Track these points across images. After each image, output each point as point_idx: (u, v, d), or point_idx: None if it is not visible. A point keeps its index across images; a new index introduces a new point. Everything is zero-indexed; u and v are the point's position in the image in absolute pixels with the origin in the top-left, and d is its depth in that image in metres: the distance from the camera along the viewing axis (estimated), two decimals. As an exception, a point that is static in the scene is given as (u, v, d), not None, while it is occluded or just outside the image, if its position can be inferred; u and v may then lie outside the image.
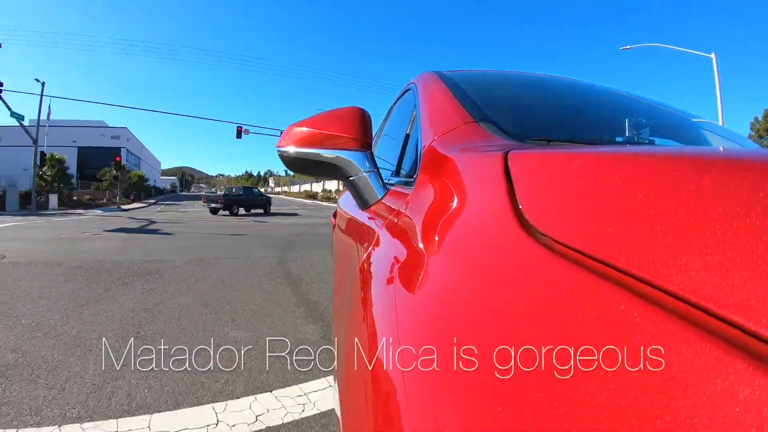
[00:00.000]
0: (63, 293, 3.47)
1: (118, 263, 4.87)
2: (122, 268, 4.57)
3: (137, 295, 3.43)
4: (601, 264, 0.24)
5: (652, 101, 1.23)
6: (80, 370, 2.00)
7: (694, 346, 0.17)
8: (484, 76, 1.17)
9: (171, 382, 1.89)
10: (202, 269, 4.59)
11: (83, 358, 2.14)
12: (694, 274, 0.19)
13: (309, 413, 1.71)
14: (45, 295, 3.39)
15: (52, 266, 4.63)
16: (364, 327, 0.47)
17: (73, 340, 2.40)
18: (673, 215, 0.22)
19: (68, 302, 3.20)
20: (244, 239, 7.81)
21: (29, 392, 1.79)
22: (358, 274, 0.68)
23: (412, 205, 0.63)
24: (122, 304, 3.15)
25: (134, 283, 3.86)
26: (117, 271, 4.40)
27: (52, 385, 1.85)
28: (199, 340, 2.42)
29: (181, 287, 3.72)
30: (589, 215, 0.27)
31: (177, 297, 3.38)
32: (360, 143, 0.75)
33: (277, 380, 1.95)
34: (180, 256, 5.46)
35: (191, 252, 5.92)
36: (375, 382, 0.36)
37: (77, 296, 3.38)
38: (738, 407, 0.15)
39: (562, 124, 0.93)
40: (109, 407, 1.68)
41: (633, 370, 0.19)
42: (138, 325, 2.66)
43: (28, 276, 4.10)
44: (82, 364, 2.08)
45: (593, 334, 0.22)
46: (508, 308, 0.28)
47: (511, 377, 0.23)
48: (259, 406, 1.74)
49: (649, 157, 0.27)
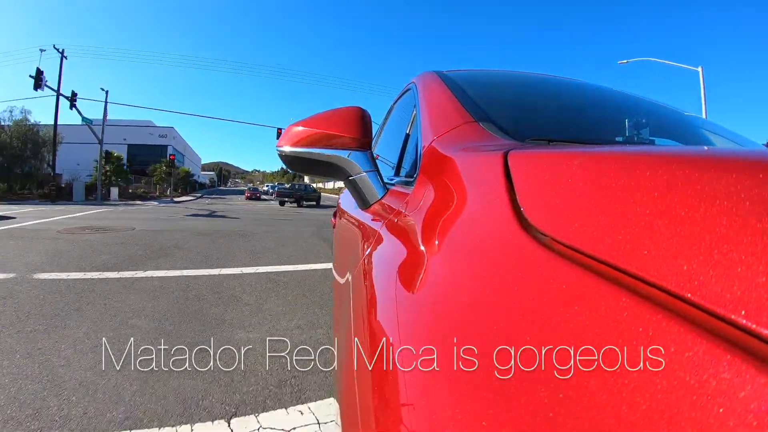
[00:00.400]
0: (204, 242, 6.24)
1: (220, 231, 7.79)
2: (225, 233, 7.50)
3: (244, 243, 6.26)
4: (601, 264, 0.24)
5: (653, 101, 1.23)
6: (245, 258, 5.05)
7: (694, 346, 0.17)
8: (484, 75, 1.17)
9: (283, 258, 5.13)
10: (272, 234, 7.68)
11: (244, 258, 5.04)
12: (694, 274, 0.19)
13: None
14: (194, 243, 6.09)
15: (178, 232, 7.42)
16: (365, 327, 0.47)
17: (227, 255, 5.17)
18: (673, 215, 0.22)
19: (212, 245, 5.92)
20: (294, 221, 10.89)
21: (257, 259, 5.00)
22: (358, 274, 0.68)
23: (412, 205, 0.63)
24: (240, 246, 5.99)
25: (238, 239, 6.73)
26: (224, 234, 7.29)
27: (239, 258, 5.05)
28: (285, 252, 5.63)
29: (264, 239, 6.80)
30: (589, 215, 0.27)
31: (264, 242, 6.46)
32: (360, 143, 0.75)
33: (316, 259, 5.10)
34: (255, 228, 8.56)
35: (261, 226, 9.09)
36: (375, 381, 0.36)
37: (216, 243, 6.15)
38: (738, 407, 0.15)
39: (562, 123, 0.93)
40: (258, 263, 4.74)
41: (633, 370, 0.19)
42: (254, 252, 5.54)
43: (171, 237, 6.65)
44: (246, 258, 5.04)
45: (593, 333, 0.22)
46: (508, 308, 0.28)
47: (511, 377, 0.23)
48: (306, 267, 4.60)
49: (649, 157, 0.27)
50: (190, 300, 3.07)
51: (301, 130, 0.76)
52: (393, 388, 0.32)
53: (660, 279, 0.21)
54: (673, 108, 1.20)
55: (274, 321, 2.71)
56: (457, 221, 0.45)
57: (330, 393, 1.77)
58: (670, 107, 1.20)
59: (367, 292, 0.55)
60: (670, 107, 1.20)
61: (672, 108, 1.20)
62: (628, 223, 0.24)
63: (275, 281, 3.84)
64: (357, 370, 0.42)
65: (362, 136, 0.75)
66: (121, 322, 2.52)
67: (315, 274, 4.22)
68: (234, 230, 8.01)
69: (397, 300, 0.43)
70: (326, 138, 0.75)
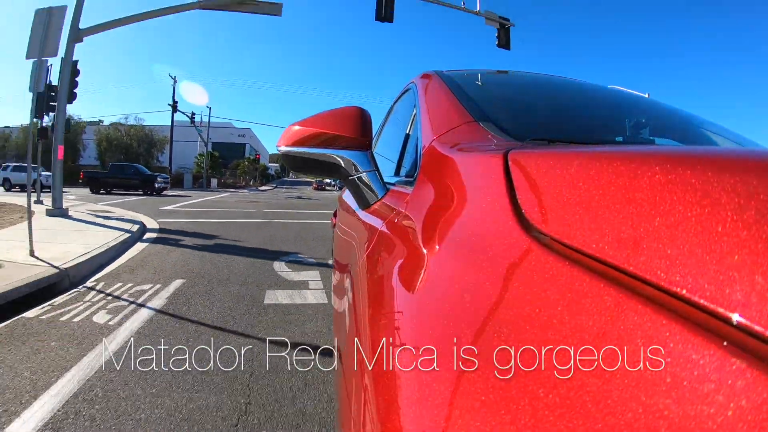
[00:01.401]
0: (312, 207, 10.58)
1: (314, 205, 11.61)
2: (319, 204, 11.63)
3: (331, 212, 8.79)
4: (600, 263, 0.24)
5: (653, 101, 1.23)
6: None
7: (693, 346, 0.17)
8: (485, 75, 1.17)
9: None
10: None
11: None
12: (694, 274, 0.19)
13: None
14: (307, 208, 10.52)
15: (304, 202, 13.21)
16: (365, 326, 0.47)
17: (326, 215, 8.78)
18: (673, 215, 0.22)
19: (316, 211, 9.30)
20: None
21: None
22: (358, 274, 0.68)
23: (412, 205, 0.63)
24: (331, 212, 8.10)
25: (327, 208, 8.66)
26: (318, 206, 10.77)
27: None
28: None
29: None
30: (589, 215, 0.27)
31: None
32: (360, 143, 0.75)
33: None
34: (335, 204, 11.09)
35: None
36: (375, 381, 0.36)
37: (318, 210, 9.29)
38: (738, 407, 0.15)
39: (562, 123, 0.93)
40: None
41: (633, 369, 0.19)
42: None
43: (297, 203, 12.35)
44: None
45: (593, 333, 0.22)
46: (508, 307, 0.28)
47: (511, 377, 0.23)
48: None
49: (648, 157, 0.27)
50: (305, 230, 6.69)
51: (301, 130, 0.76)
52: (393, 388, 0.32)
53: (660, 279, 0.21)
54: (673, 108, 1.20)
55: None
56: (457, 221, 0.45)
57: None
58: (670, 107, 1.19)
59: (368, 292, 0.55)
60: (670, 107, 1.19)
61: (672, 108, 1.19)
62: (628, 223, 0.24)
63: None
64: (357, 370, 0.42)
65: (362, 135, 0.75)
66: (289, 231, 6.51)
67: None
68: (321, 204, 13.16)
69: (398, 299, 0.43)
70: (326, 138, 0.75)
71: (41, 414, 1.42)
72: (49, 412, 1.43)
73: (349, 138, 0.74)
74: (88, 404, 1.49)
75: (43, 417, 1.41)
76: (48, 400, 1.51)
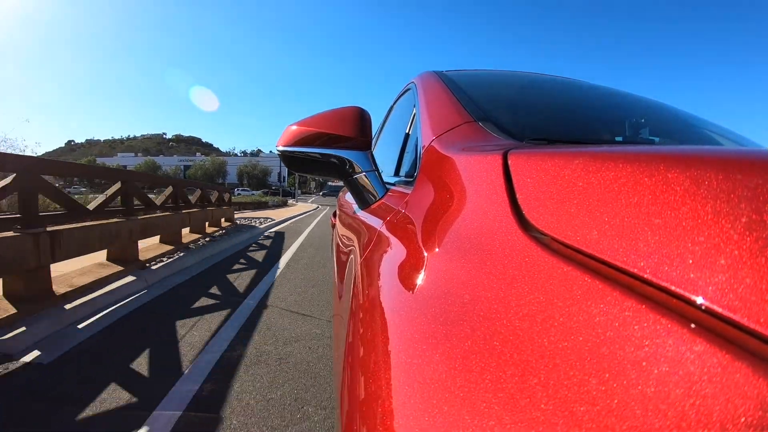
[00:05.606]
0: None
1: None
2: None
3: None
4: (600, 263, 0.24)
5: (653, 100, 1.23)
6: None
7: (694, 346, 0.17)
8: (484, 75, 1.17)
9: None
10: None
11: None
12: (694, 274, 0.19)
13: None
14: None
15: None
16: (364, 327, 0.47)
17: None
18: (673, 214, 0.22)
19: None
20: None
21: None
22: (357, 274, 0.68)
23: (412, 205, 0.63)
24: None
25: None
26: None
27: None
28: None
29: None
30: (589, 214, 0.27)
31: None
32: (360, 143, 0.75)
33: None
34: None
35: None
36: (375, 381, 0.36)
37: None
38: (738, 407, 0.15)
39: (561, 123, 0.93)
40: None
41: (633, 369, 0.19)
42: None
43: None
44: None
45: (593, 333, 0.21)
46: (508, 308, 0.28)
47: (510, 377, 0.23)
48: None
49: (648, 157, 0.27)
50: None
51: (300, 130, 0.76)
52: (393, 388, 0.32)
53: (660, 278, 0.20)
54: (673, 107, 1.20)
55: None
56: (457, 221, 0.45)
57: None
58: (670, 106, 1.19)
59: (367, 292, 0.55)
60: (670, 106, 1.19)
61: (672, 107, 1.20)
62: (628, 223, 0.24)
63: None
64: (356, 371, 0.42)
65: (362, 135, 0.75)
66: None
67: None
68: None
69: (397, 300, 0.43)
70: (326, 138, 0.74)
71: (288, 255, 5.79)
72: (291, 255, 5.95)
73: (349, 138, 0.74)
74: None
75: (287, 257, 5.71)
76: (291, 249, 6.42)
